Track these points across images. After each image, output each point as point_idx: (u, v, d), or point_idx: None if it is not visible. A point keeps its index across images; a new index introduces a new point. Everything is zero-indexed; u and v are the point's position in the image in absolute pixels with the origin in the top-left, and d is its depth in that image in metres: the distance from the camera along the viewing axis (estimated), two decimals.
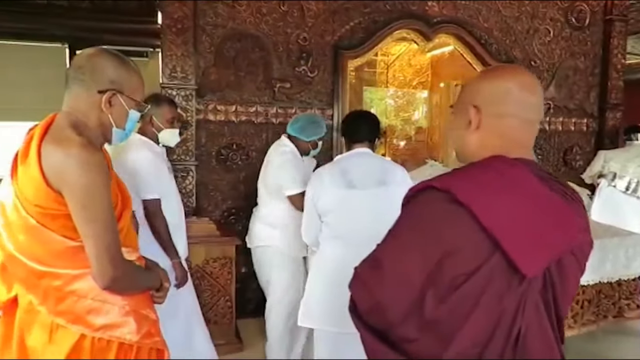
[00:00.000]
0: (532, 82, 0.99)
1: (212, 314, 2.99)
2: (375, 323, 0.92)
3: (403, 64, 5.73)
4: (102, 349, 1.20)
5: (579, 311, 2.63)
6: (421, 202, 0.91)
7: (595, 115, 4.39)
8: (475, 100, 0.99)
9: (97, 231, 1.16)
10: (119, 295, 1.23)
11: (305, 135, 2.65)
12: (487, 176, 0.89)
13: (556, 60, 4.24)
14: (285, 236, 2.60)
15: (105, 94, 1.23)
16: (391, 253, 0.92)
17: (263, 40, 3.44)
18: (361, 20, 3.66)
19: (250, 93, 3.46)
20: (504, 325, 0.84)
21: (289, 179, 2.51)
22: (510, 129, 0.97)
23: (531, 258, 0.83)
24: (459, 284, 0.84)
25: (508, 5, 4.05)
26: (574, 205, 0.94)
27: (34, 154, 1.14)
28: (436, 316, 0.85)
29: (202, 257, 2.95)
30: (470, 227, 0.83)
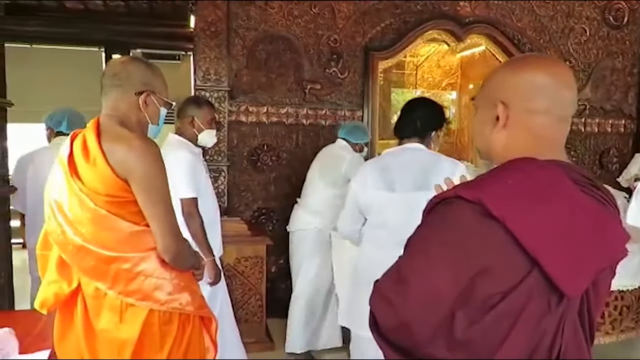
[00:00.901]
0: (566, 74, 0.91)
1: (243, 312, 3.03)
2: (400, 341, 0.85)
3: (432, 65, 5.68)
4: (167, 321, 1.37)
5: (617, 317, 2.56)
6: (449, 214, 0.83)
7: (634, 117, 4.26)
8: (502, 94, 0.90)
9: (161, 211, 1.33)
10: (178, 270, 1.40)
11: (353, 137, 3.01)
12: (520, 183, 0.81)
13: (592, 60, 4.14)
14: (326, 222, 2.90)
15: (142, 95, 1.40)
16: (418, 268, 0.83)
17: (294, 42, 3.47)
18: (392, 22, 3.65)
19: (281, 94, 3.50)
20: (544, 347, 0.79)
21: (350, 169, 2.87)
22: (542, 127, 0.88)
23: (573, 276, 0.77)
24: (494, 304, 0.78)
25: (542, 5, 3.97)
26: (612, 212, 0.87)
27: (98, 152, 1.29)
28: (468, 337, 0.79)
29: (234, 256, 2.99)
30: (505, 242, 0.76)
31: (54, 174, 1.37)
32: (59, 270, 1.35)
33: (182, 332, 1.39)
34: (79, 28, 4.95)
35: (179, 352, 1.38)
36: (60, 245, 1.33)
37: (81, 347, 1.33)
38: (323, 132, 3.58)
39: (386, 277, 0.88)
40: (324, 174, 2.97)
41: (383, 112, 5.36)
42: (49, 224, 1.36)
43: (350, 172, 2.82)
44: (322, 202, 2.94)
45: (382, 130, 5.41)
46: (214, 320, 1.53)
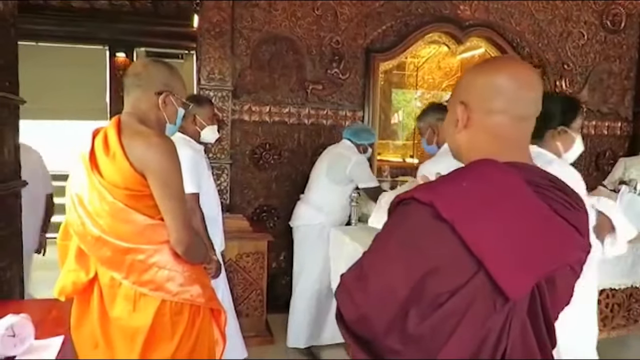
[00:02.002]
0: (527, 75, 0.91)
1: (244, 306, 3.10)
2: (361, 333, 0.89)
3: (432, 66, 5.76)
4: (178, 311, 1.44)
5: (608, 315, 2.63)
6: (406, 214, 0.85)
7: (630, 120, 4.33)
8: (464, 95, 0.93)
9: (176, 205, 1.39)
10: (190, 263, 1.46)
11: (358, 139, 3.06)
12: (474, 186, 0.82)
13: (590, 64, 4.21)
14: (329, 218, 3.01)
15: (161, 95, 1.47)
16: (376, 265, 0.87)
17: (297, 43, 3.54)
18: (393, 24, 3.72)
19: (284, 94, 3.56)
20: (489, 345, 0.81)
21: (367, 175, 3.02)
22: (501, 127, 0.89)
23: (516, 279, 0.79)
24: (442, 302, 0.80)
25: (541, 9, 4.04)
26: (575, 216, 0.87)
27: (118, 148, 1.36)
28: (419, 332, 0.82)
29: (236, 251, 3.06)
30: (454, 244, 0.78)
31: (75, 168, 1.44)
32: (78, 259, 1.42)
33: (192, 323, 1.45)
34: (84, 27, 5.02)
35: (189, 342, 1.44)
36: (80, 235, 1.40)
37: (96, 333, 1.39)
38: (324, 131, 3.65)
39: (350, 272, 0.92)
40: (330, 172, 3.03)
41: (384, 113, 5.44)
42: (70, 216, 1.43)
43: (354, 173, 2.98)
44: (326, 198, 3.03)
45: (382, 130, 5.49)
46: (223, 313, 1.59)
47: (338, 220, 3.07)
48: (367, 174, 3.03)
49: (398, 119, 5.96)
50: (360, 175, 3.00)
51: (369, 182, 3.02)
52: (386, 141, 5.69)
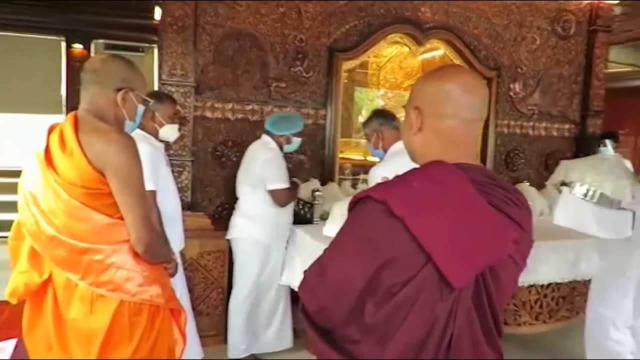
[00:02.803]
0: (473, 82, 1.00)
1: (204, 305, 3.09)
2: (323, 324, 0.97)
3: (394, 66, 5.85)
4: (137, 312, 1.43)
5: (554, 307, 2.79)
6: (361, 212, 0.92)
7: (577, 122, 4.57)
8: (417, 101, 1.01)
9: (136, 203, 1.38)
10: (149, 263, 1.45)
11: (277, 129, 2.79)
12: (424, 185, 0.90)
13: (541, 68, 4.40)
14: (264, 229, 2.78)
15: (120, 92, 1.45)
16: (333, 259, 0.96)
17: (261, 40, 3.53)
18: (356, 24, 3.77)
19: (247, 92, 3.55)
20: (437, 332, 0.88)
21: (275, 174, 2.68)
22: (450, 130, 0.98)
23: (459, 270, 0.86)
24: (395, 293, 0.87)
25: (497, 14, 4.20)
26: (515, 211, 0.95)
27: (75, 145, 1.33)
28: (375, 321, 0.90)
29: (197, 250, 3.04)
30: (405, 238, 0.85)
31: (29, 166, 1.40)
32: (31, 260, 1.38)
33: (152, 323, 1.45)
34: (39, 16, 4.82)
35: (148, 343, 1.43)
36: (33, 235, 1.36)
37: (50, 336, 1.36)
38: None
39: (312, 268, 1.00)
40: (246, 176, 2.83)
41: (346, 111, 5.49)
42: (23, 214, 1.39)
43: (262, 173, 2.70)
44: (254, 206, 2.80)
45: (345, 129, 5.54)
46: (183, 312, 1.59)
47: (277, 229, 2.83)
48: (276, 174, 2.72)
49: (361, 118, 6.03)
50: (269, 175, 2.71)
51: (276, 183, 2.70)
52: (348, 139, 5.75)
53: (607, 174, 2.09)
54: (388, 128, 2.52)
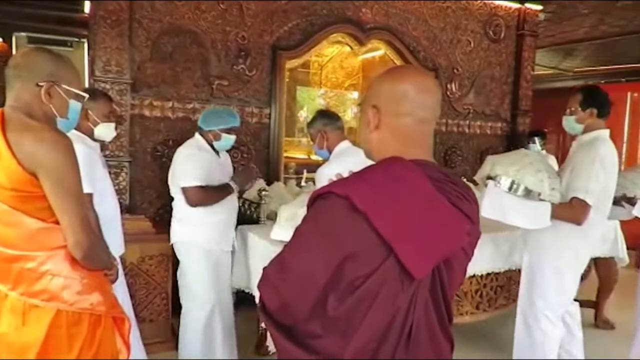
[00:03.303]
0: (427, 82, 1.03)
1: (147, 312, 2.96)
2: (284, 320, 0.96)
3: (336, 65, 5.92)
4: (76, 322, 1.33)
5: (492, 296, 2.93)
6: (323, 207, 0.93)
7: (508, 120, 4.85)
8: (375, 100, 1.03)
9: (72, 205, 1.28)
10: (89, 269, 1.36)
11: (205, 125, 2.57)
12: (384, 181, 0.92)
13: (475, 69, 4.63)
14: (204, 233, 2.53)
15: (44, 86, 1.34)
16: (295, 254, 0.95)
17: (201, 37, 3.43)
18: (299, 22, 3.76)
19: (188, 89, 3.44)
20: (398, 322, 0.91)
21: (188, 170, 2.46)
22: (407, 128, 1.01)
23: (419, 261, 0.89)
24: (358, 286, 0.89)
25: (434, 16, 4.35)
26: (467, 206, 0.99)
27: (3, 145, 1.23)
28: (338, 315, 0.91)
29: (138, 254, 2.91)
30: (367, 232, 0.87)
31: None
32: None
33: (93, 333, 1.36)
34: None
35: (89, 354, 1.34)
36: None
37: None
38: None
39: (272, 264, 0.99)
40: (172, 178, 2.58)
41: (289, 110, 5.48)
42: None
43: (178, 170, 2.49)
44: (184, 209, 2.53)
45: (289, 128, 5.52)
46: (127, 320, 1.50)
47: (215, 231, 2.57)
48: (190, 170, 2.46)
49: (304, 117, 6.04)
50: (180, 172, 2.48)
51: (186, 180, 2.45)
52: (292, 138, 5.74)
53: (528, 167, 2.20)
54: (332, 128, 2.54)
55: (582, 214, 2.16)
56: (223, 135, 2.56)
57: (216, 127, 2.55)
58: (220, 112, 2.65)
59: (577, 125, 2.33)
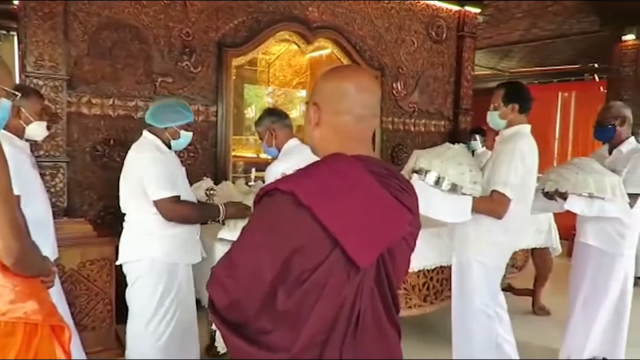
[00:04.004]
0: (366, 81, 1.06)
1: (89, 319, 2.82)
2: (234, 318, 0.97)
3: (283, 63, 5.90)
4: (9, 332, 1.25)
5: (439, 289, 3.03)
6: (270, 204, 0.95)
7: (451, 119, 5.03)
8: (316, 98, 1.06)
9: (2, 209, 1.20)
10: (22, 276, 1.29)
11: (159, 121, 2.21)
12: (327, 176, 0.95)
13: (419, 69, 4.76)
14: (165, 245, 2.18)
15: None
16: (243, 252, 0.97)
17: (143, 32, 3.31)
18: (245, 19, 3.72)
19: (130, 86, 3.31)
20: (345, 312, 0.94)
21: (155, 179, 2.10)
22: (347, 126, 1.04)
23: (364, 252, 0.92)
24: (305, 279, 0.91)
25: (379, 16, 4.43)
26: (407, 198, 1.04)
27: None
28: (287, 308, 0.92)
29: (77, 259, 2.76)
30: (313, 226, 0.90)
31: None
32: None
33: (28, 344, 1.28)
34: None
35: None
36: None
37: None
38: None
39: (220, 263, 1.00)
40: (127, 186, 2.22)
41: (237, 108, 5.40)
42: None
43: (144, 181, 2.11)
44: (147, 221, 2.18)
45: (236, 126, 5.45)
46: (67, 329, 1.42)
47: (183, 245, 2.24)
48: (157, 179, 2.10)
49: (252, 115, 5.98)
50: (149, 182, 2.10)
51: (159, 192, 2.09)
52: (240, 137, 5.66)
53: (450, 161, 2.25)
54: (280, 126, 2.52)
55: (502, 208, 2.18)
56: (182, 132, 2.26)
57: (174, 124, 2.23)
58: (174, 106, 2.29)
59: (501, 120, 2.34)
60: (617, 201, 2.48)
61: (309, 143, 1.12)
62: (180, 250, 2.24)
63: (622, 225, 2.59)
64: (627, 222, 2.58)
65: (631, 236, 2.66)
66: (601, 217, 2.53)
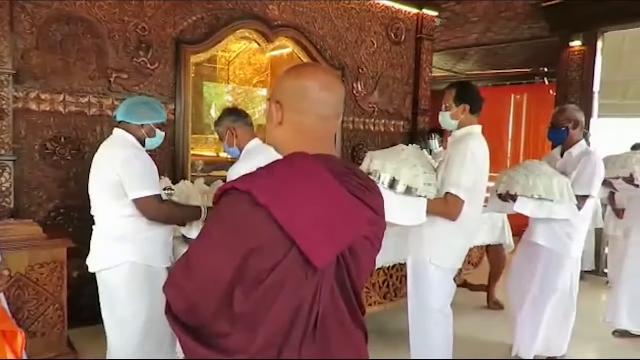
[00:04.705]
0: (329, 80, 1.05)
1: (39, 325, 2.69)
2: (191, 321, 0.95)
3: (243, 62, 5.84)
4: None
5: (398, 286, 3.09)
6: (228, 203, 0.93)
7: (410, 119, 5.13)
8: (278, 96, 1.05)
9: None
10: None
11: (135, 118, 2.12)
12: (286, 175, 0.94)
13: (379, 70, 4.82)
14: (142, 249, 2.09)
15: None
16: (200, 253, 0.95)
17: (96, 26, 3.19)
18: (204, 16, 3.65)
19: (82, 82, 3.18)
20: (304, 312, 0.92)
21: (139, 179, 2.02)
22: (309, 125, 1.03)
23: (322, 252, 0.91)
24: (263, 279, 0.90)
25: (340, 16, 4.46)
26: (370, 197, 1.03)
27: None
28: (245, 310, 0.91)
29: (26, 263, 2.63)
30: (270, 226, 0.88)
31: None
32: None
33: None
34: None
35: None
36: None
37: None
38: None
39: (177, 265, 0.98)
40: (104, 185, 2.07)
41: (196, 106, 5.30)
42: None
43: (124, 178, 2.00)
44: (120, 223, 2.07)
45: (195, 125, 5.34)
46: (19, 334, 1.36)
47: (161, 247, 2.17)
48: (140, 177, 2.03)
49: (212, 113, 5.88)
50: (130, 180, 2.01)
51: (140, 190, 2.01)
52: (199, 136, 5.56)
53: (404, 163, 2.25)
54: (241, 126, 2.48)
55: (455, 210, 2.19)
56: (157, 131, 2.18)
57: (151, 122, 2.14)
58: (151, 104, 2.21)
59: (452, 121, 2.34)
60: (566, 203, 2.54)
61: (270, 141, 1.10)
62: (160, 253, 2.16)
63: (571, 227, 2.67)
64: (575, 224, 2.66)
65: (579, 237, 2.74)
66: (551, 219, 2.60)
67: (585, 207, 2.67)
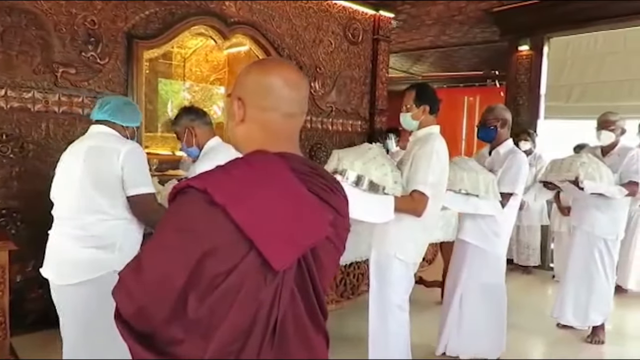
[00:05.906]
0: (293, 77, 1.01)
1: None
2: (142, 327, 0.89)
3: (200, 58, 5.72)
4: None
5: (355, 284, 3.12)
6: (182, 202, 0.88)
7: (367, 119, 5.19)
8: (241, 92, 1.01)
9: None
10: None
11: (123, 119, 2.03)
12: (246, 174, 0.90)
13: (337, 69, 4.85)
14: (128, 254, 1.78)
15: None
16: (152, 254, 0.90)
17: (41, 17, 3.04)
18: (157, 10, 3.55)
19: (25, 76, 3.02)
20: (262, 317, 0.88)
21: (143, 175, 1.94)
22: (272, 122, 0.99)
23: (281, 254, 0.87)
24: (219, 283, 0.85)
25: (297, 15, 4.45)
26: (333, 197, 0.99)
27: None
28: (199, 315, 0.86)
29: None
30: (227, 227, 0.84)
31: None
32: None
33: None
34: None
35: None
36: None
37: None
38: (80, 122, 3.23)
39: (127, 266, 0.92)
40: (97, 183, 1.90)
41: (150, 103, 5.15)
42: None
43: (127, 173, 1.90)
44: (110, 228, 1.92)
45: (150, 122, 5.20)
46: None
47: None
48: (143, 172, 1.96)
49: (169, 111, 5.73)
50: (133, 174, 1.91)
51: (143, 186, 1.94)
52: (154, 133, 5.41)
53: (372, 161, 2.28)
54: (200, 124, 2.41)
55: (422, 206, 2.24)
56: (135, 133, 2.12)
57: (134, 124, 2.08)
58: (134, 106, 2.15)
59: (413, 121, 2.39)
60: (491, 199, 2.62)
61: (231, 139, 1.06)
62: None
63: (497, 224, 2.74)
64: (500, 221, 2.74)
65: (505, 235, 2.81)
66: (478, 216, 2.68)
67: (510, 204, 2.74)
